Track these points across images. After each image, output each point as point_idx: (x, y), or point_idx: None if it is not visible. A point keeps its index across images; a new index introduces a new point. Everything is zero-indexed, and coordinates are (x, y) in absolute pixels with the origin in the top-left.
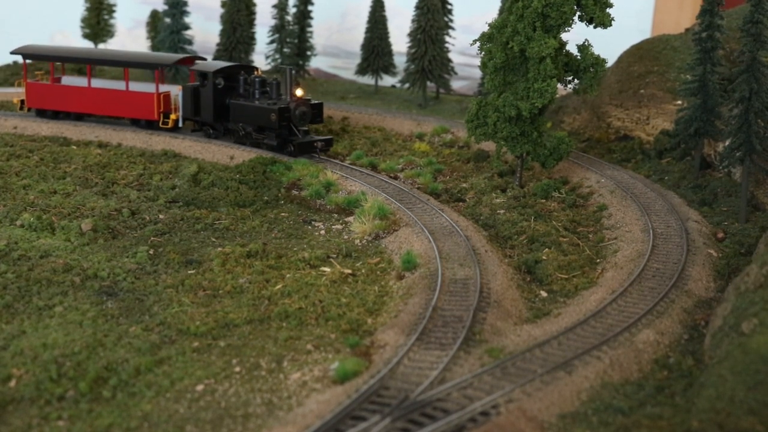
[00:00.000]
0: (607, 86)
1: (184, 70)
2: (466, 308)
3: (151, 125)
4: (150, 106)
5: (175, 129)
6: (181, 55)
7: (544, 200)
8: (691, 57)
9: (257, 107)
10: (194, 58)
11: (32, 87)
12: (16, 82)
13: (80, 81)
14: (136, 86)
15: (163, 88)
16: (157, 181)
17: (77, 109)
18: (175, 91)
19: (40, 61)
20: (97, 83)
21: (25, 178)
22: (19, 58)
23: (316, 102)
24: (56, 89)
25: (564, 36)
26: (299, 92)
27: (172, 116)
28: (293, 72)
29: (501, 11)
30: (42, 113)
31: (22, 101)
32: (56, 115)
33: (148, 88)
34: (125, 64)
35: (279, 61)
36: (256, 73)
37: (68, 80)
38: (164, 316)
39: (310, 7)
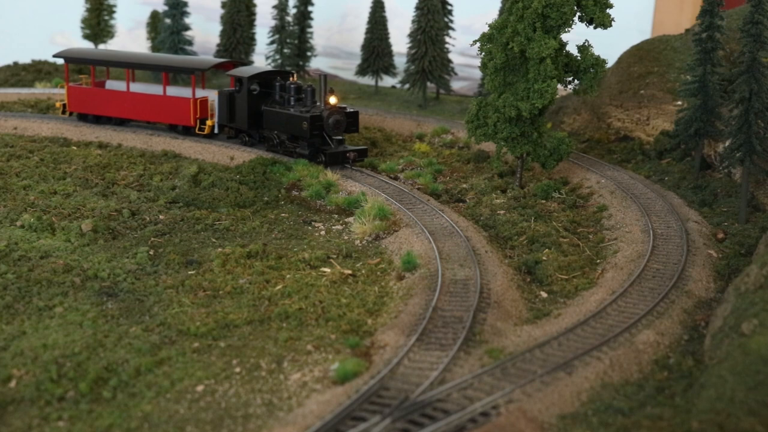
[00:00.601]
0: (607, 87)
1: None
2: (466, 309)
3: (188, 131)
4: (186, 112)
5: (211, 136)
6: (219, 60)
7: (544, 201)
8: (691, 58)
9: (289, 115)
10: (233, 62)
11: (73, 91)
12: (59, 85)
13: (121, 85)
14: (174, 91)
15: (202, 93)
16: (158, 182)
17: (116, 113)
18: (213, 96)
19: (79, 64)
20: (136, 87)
21: (25, 178)
22: (19, 59)
23: (352, 110)
24: (96, 93)
25: (564, 36)
26: (333, 100)
27: (209, 122)
28: (325, 79)
29: (501, 12)
30: (83, 118)
31: (64, 105)
32: (97, 120)
33: (187, 93)
34: (162, 69)
35: (279, 61)
36: (291, 79)
37: (111, 84)
38: (164, 317)
39: (310, 8)
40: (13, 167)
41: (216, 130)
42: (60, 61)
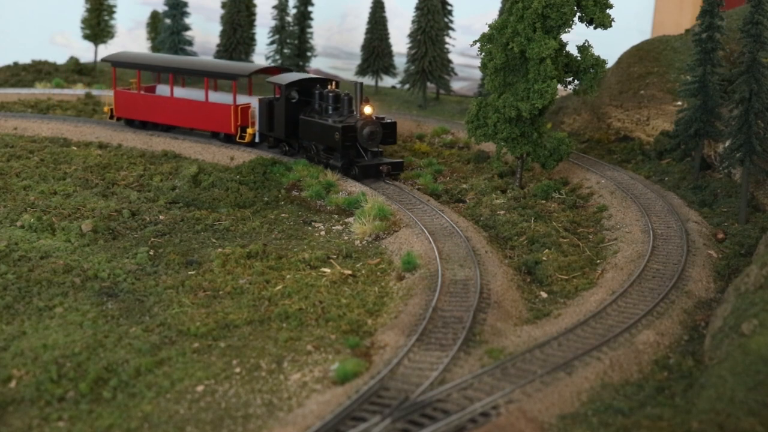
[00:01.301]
0: (607, 87)
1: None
2: (466, 309)
3: (229, 139)
4: (227, 119)
5: (252, 144)
6: (262, 65)
7: (544, 201)
8: (691, 58)
9: (323, 125)
10: (279, 68)
11: (120, 96)
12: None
13: (167, 90)
14: (217, 97)
15: (246, 100)
16: (158, 182)
17: (161, 119)
18: (255, 103)
19: (126, 68)
20: (182, 93)
21: (25, 179)
22: (20, 59)
23: (389, 121)
24: (142, 99)
25: (564, 37)
26: (368, 110)
27: (249, 130)
28: (361, 86)
29: (501, 12)
30: (130, 123)
31: (112, 110)
32: (144, 126)
33: (229, 99)
34: (205, 74)
35: (279, 62)
36: (329, 87)
37: (162, 90)
38: (164, 317)
39: (310, 8)
40: (14, 167)
41: (257, 139)
42: (61, 60)
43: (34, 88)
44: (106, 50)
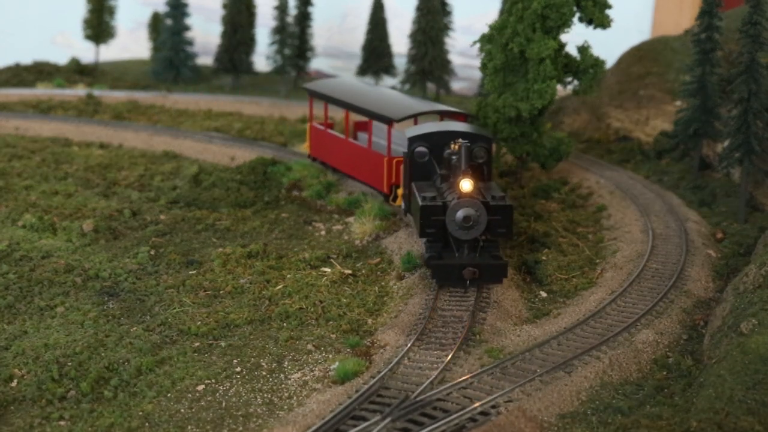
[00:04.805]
0: (606, 87)
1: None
2: (465, 308)
3: (387, 198)
4: (380, 173)
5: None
6: (439, 107)
7: (543, 201)
8: (690, 58)
9: (415, 198)
10: (464, 115)
11: (313, 132)
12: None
13: (378, 129)
14: (381, 143)
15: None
16: (158, 182)
17: (337, 164)
18: None
19: (318, 99)
20: (365, 134)
21: (26, 178)
22: (21, 60)
23: (502, 203)
24: (325, 137)
25: (564, 37)
26: (466, 185)
27: (399, 191)
28: (468, 151)
29: (501, 12)
30: (324, 165)
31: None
32: (335, 171)
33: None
34: (362, 112)
35: (280, 62)
36: (453, 147)
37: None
38: (165, 317)
39: (310, 9)
40: (15, 167)
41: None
42: (62, 61)
43: (36, 88)
44: (106, 51)
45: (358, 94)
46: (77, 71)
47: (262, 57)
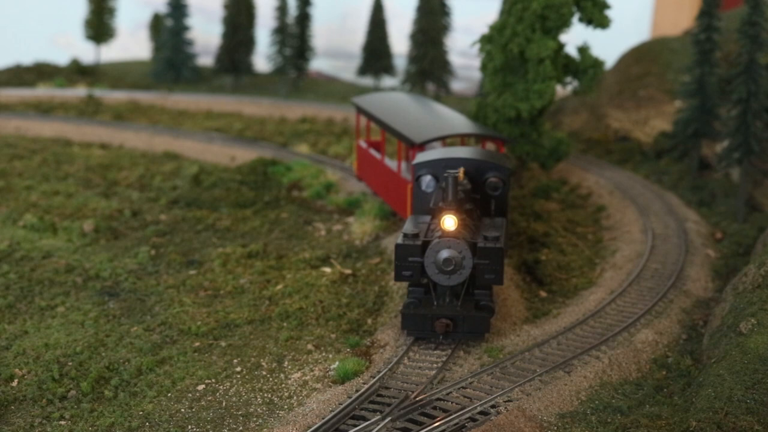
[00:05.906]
0: (606, 88)
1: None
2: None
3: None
4: (402, 196)
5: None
6: (476, 130)
7: (543, 200)
8: (689, 59)
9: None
10: (501, 139)
11: (359, 151)
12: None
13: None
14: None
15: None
16: (159, 182)
17: (373, 186)
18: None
19: (363, 115)
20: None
21: (27, 179)
22: (22, 61)
23: (491, 245)
24: (366, 157)
25: (563, 37)
26: (449, 222)
27: None
28: (454, 182)
29: (500, 13)
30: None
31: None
32: (375, 195)
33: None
34: (395, 134)
35: (280, 62)
36: (459, 176)
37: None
38: (165, 317)
39: (310, 9)
40: (16, 168)
41: None
42: (63, 61)
43: (37, 88)
44: (107, 51)
45: (395, 111)
46: (78, 72)
47: (263, 57)
